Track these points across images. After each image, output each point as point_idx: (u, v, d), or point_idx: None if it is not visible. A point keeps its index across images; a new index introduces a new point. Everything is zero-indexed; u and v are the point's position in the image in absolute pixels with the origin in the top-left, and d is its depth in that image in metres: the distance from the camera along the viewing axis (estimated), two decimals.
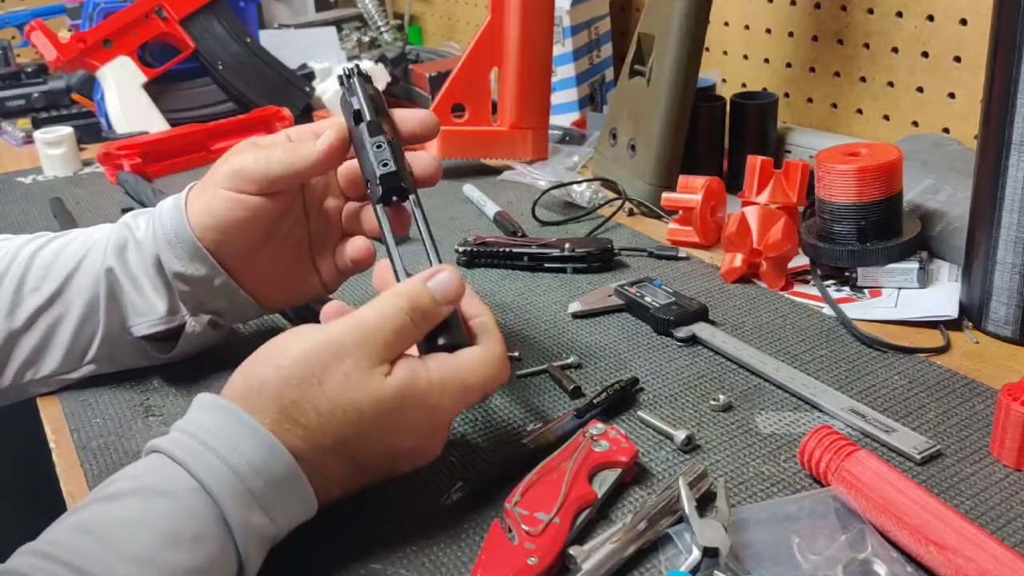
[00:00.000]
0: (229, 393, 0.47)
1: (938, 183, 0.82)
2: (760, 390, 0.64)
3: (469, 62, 1.10)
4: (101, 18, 1.33)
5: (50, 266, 0.64)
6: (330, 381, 0.46)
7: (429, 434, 0.50)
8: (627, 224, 0.95)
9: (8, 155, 1.34)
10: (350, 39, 1.80)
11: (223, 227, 0.61)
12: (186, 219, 0.62)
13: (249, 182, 0.60)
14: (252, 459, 0.44)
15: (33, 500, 1.04)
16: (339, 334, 0.47)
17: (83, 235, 0.66)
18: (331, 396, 0.46)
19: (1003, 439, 0.54)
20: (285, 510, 0.45)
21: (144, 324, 0.63)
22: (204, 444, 0.44)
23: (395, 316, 0.48)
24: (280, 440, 0.45)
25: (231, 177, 0.60)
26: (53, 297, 0.63)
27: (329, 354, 0.47)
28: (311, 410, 0.46)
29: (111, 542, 0.40)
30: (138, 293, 0.63)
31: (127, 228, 0.64)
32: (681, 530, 0.48)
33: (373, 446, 0.48)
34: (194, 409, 0.47)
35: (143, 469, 0.45)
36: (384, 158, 0.57)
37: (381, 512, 0.52)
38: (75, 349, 0.64)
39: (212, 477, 0.43)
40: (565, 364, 0.68)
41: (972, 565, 0.44)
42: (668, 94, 0.93)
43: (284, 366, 0.47)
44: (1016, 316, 0.67)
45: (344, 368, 0.46)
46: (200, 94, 1.39)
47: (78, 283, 0.63)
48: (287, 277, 0.67)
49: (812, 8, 1.06)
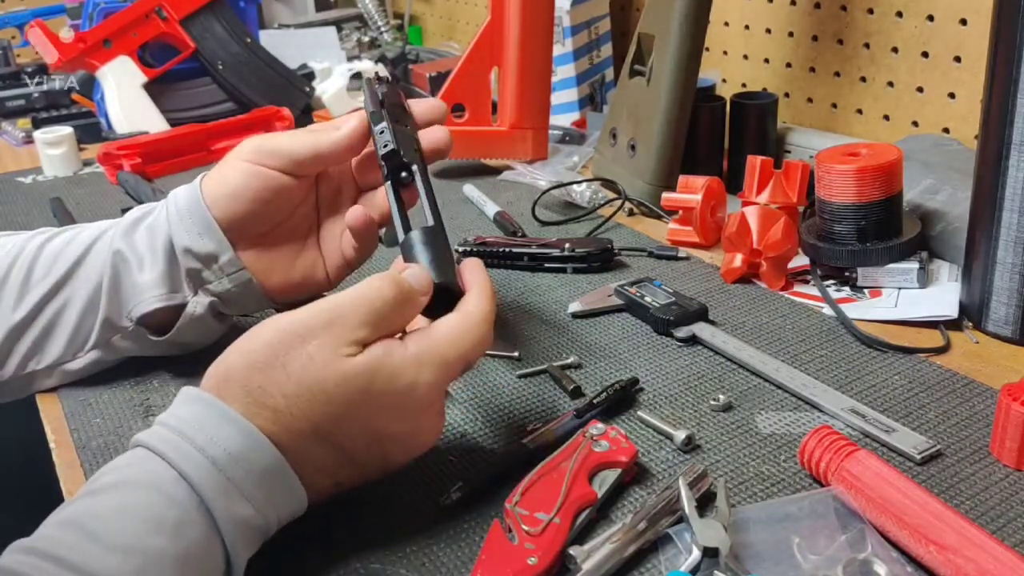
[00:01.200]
0: (205, 385, 0.47)
1: (938, 183, 0.82)
2: (760, 390, 0.64)
3: (469, 62, 1.10)
4: (101, 18, 1.33)
5: (59, 254, 0.64)
6: (294, 364, 0.46)
7: (414, 416, 0.49)
8: (627, 224, 0.95)
9: (8, 155, 1.34)
10: (350, 39, 1.80)
11: (237, 195, 0.62)
12: (200, 193, 0.63)
13: (273, 156, 0.62)
14: (230, 448, 0.44)
15: (33, 500, 1.04)
16: (307, 317, 0.47)
17: (95, 225, 0.67)
18: (296, 378, 0.46)
19: (1003, 439, 0.54)
20: (270, 499, 0.45)
21: (144, 302, 0.63)
22: (182, 435, 0.44)
23: (372, 299, 0.48)
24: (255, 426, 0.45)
25: (254, 151, 0.62)
26: (59, 284, 0.64)
27: (294, 336, 0.46)
28: (277, 393, 0.46)
29: (95, 533, 0.40)
30: (141, 271, 0.63)
31: (140, 211, 0.65)
32: (681, 530, 0.48)
33: (352, 430, 0.47)
34: (175, 402, 0.47)
35: (126, 462, 0.45)
36: (385, 140, 0.59)
37: (381, 512, 0.52)
38: (78, 335, 0.65)
39: (191, 467, 0.43)
40: (565, 364, 0.68)
41: (972, 565, 0.44)
42: (668, 94, 0.93)
43: (250, 351, 0.47)
44: (1016, 316, 0.67)
45: (308, 350, 0.46)
46: (200, 94, 1.39)
47: (86, 270, 0.64)
48: (293, 264, 0.66)
49: (812, 8, 1.06)
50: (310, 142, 0.62)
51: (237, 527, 0.43)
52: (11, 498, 1.16)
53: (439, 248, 0.54)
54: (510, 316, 0.76)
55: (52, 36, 1.28)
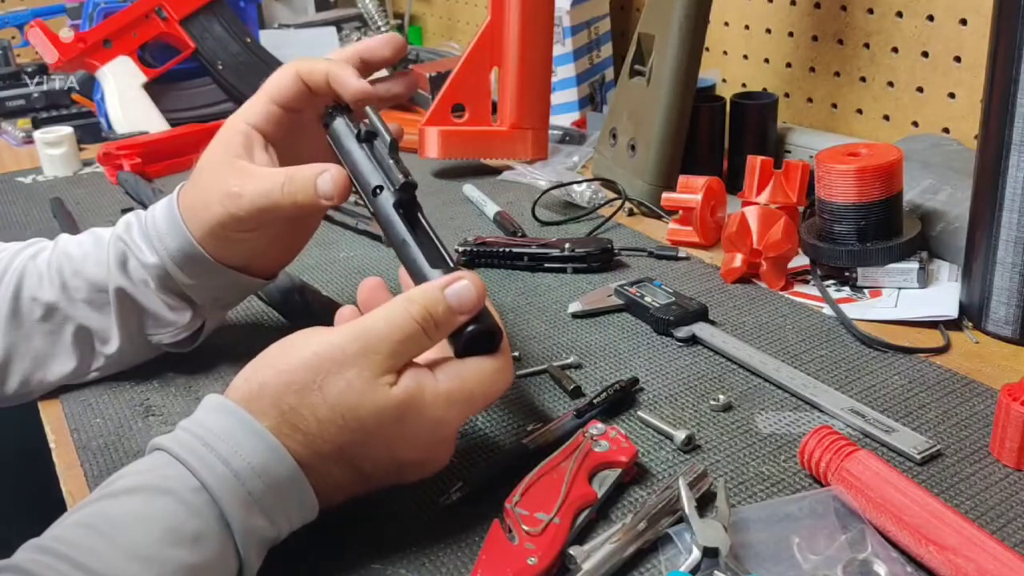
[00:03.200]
0: (233, 395, 0.47)
1: (938, 183, 0.82)
2: (760, 390, 0.64)
3: (469, 62, 1.09)
4: (101, 18, 1.33)
5: (44, 275, 0.63)
6: (330, 389, 0.46)
7: (433, 446, 0.50)
8: (627, 224, 0.95)
9: (8, 155, 1.34)
10: (350, 39, 1.80)
11: (231, 240, 0.61)
12: (189, 235, 0.61)
13: (254, 214, 0.59)
14: (253, 461, 0.44)
15: (33, 500, 1.04)
16: (343, 341, 0.46)
17: (77, 247, 0.65)
18: (331, 403, 0.46)
19: (1003, 439, 0.54)
20: (286, 512, 0.45)
21: (168, 334, 0.65)
22: (207, 444, 0.44)
23: (404, 324, 0.47)
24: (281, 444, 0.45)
25: (227, 198, 0.59)
26: (52, 308, 0.63)
27: (331, 361, 0.46)
28: (310, 416, 0.46)
29: (112, 538, 0.40)
30: (156, 307, 0.63)
31: (123, 244, 0.63)
32: (681, 530, 0.48)
33: (375, 454, 0.48)
34: (201, 409, 0.47)
35: (146, 466, 0.45)
36: (385, 169, 0.56)
37: (381, 512, 0.52)
38: (83, 362, 0.65)
39: (213, 477, 0.43)
40: (565, 364, 0.68)
41: (972, 565, 0.44)
42: (668, 94, 0.93)
43: (284, 371, 0.46)
44: (1016, 316, 0.67)
45: (346, 377, 0.46)
46: (200, 94, 1.39)
47: (80, 294, 0.63)
48: (288, 248, 0.67)
49: (812, 8, 1.06)
50: (287, 198, 0.58)
51: (253, 538, 0.44)
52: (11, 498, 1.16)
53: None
54: (510, 316, 0.76)
55: (52, 36, 1.28)
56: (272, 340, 0.49)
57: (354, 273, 0.86)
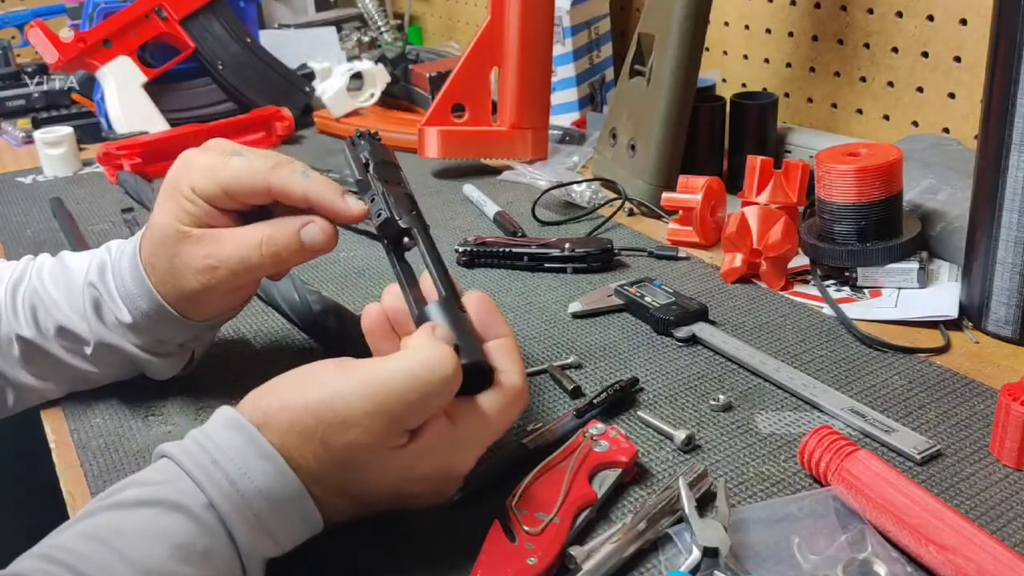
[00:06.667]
0: (245, 411, 0.46)
1: (938, 183, 0.82)
2: (760, 390, 0.64)
3: (469, 62, 1.10)
4: (101, 18, 1.33)
5: (20, 312, 0.61)
6: (334, 442, 0.45)
7: (442, 484, 0.49)
8: (627, 224, 0.95)
9: (8, 155, 1.34)
10: (350, 39, 1.80)
11: (204, 302, 0.59)
12: (159, 298, 0.58)
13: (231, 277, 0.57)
14: (260, 484, 0.44)
15: (33, 500, 1.04)
16: (353, 398, 0.45)
17: (52, 285, 0.62)
18: (333, 455, 0.45)
19: (1003, 439, 0.54)
20: (290, 531, 0.45)
21: (166, 373, 0.64)
22: (216, 462, 0.44)
23: (420, 388, 0.45)
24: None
25: (206, 272, 0.56)
26: (31, 344, 0.61)
27: (335, 415, 0.44)
28: (312, 459, 0.45)
29: (121, 552, 0.40)
30: (139, 354, 0.61)
31: (97, 292, 0.60)
32: (681, 530, 0.48)
33: (381, 493, 0.48)
34: (212, 421, 0.46)
35: (155, 477, 0.44)
36: (379, 208, 0.56)
37: (381, 512, 0.52)
38: (73, 384, 0.65)
39: (221, 497, 0.43)
40: (565, 364, 0.68)
41: (972, 565, 0.44)
42: (668, 94, 0.93)
43: (289, 407, 0.45)
44: (1016, 316, 0.67)
45: (349, 437, 0.45)
46: (200, 94, 1.39)
47: (53, 335, 0.61)
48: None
49: (812, 8, 1.06)
50: (267, 258, 0.56)
51: (259, 557, 0.44)
52: (11, 498, 1.16)
53: (459, 323, 0.50)
54: (510, 316, 0.76)
55: (52, 36, 1.28)
56: (272, 342, 0.49)
57: (354, 273, 0.86)
